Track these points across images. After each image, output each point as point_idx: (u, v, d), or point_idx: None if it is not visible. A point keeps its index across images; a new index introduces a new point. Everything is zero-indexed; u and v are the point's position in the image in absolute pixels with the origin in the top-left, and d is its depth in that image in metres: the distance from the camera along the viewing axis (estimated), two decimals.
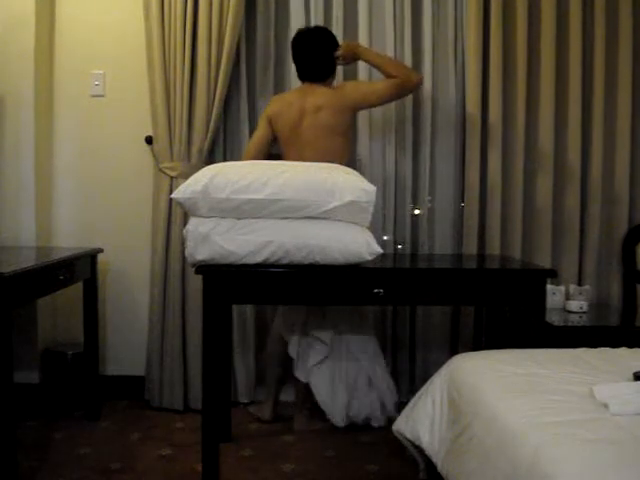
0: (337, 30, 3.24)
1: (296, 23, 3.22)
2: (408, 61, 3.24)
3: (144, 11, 3.12)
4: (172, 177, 3.14)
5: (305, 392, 2.98)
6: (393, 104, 3.22)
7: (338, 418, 2.91)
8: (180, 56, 3.08)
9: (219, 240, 2.27)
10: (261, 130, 2.97)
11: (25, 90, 3.12)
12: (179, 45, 3.07)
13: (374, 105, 3.01)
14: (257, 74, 3.28)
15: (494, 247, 3.21)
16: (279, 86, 3.29)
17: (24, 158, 3.14)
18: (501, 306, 3.05)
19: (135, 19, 3.20)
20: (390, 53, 3.22)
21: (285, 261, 2.30)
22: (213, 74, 3.09)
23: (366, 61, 3.00)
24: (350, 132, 2.99)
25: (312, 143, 2.85)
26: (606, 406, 1.56)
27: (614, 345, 2.17)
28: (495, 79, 3.17)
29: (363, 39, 3.22)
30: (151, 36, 3.11)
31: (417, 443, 2.10)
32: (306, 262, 2.30)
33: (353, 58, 3.00)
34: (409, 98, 3.24)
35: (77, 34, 3.30)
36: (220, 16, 3.05)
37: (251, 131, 3.23)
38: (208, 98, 3.10)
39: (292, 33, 3.08)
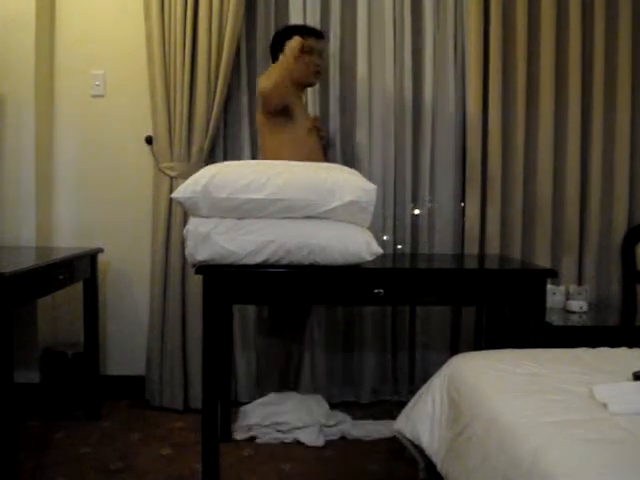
0: (336, 31, 3.24)
1: (295, 23, 3.21)
2: (408, 63, 3.25)
3: (144, 11, 3.13)
4: (172, 177, 3.15)
5: None
6: (392, 104, 3.25)
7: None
8: (180, 56, 3.08)
9: (219, 240, 2.26)
10: None
11: (25, 90, 3.13)
12: (179, 45, 3.07)
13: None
14: (257, 74, 3.28)
15: (494, 247, 3.22)
16: None
17: (24, 158, 3.14)
18: (501, 306, 3.05)
19: (135, 19, 3.21)
20: (390, 55, 3.24)
21: (285, 261, 2.30)
22: (213, 74, 3.09)
23: None
24: (283, 129, 2.82)
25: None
26: (606, 406, 1.56)
27: (614, 345, 2.17)
28: (495, 79, 3.18)
29: (362, 40, 3.22)
30: (151, 36, 3.11)
31: (417, 443, 2.10)
32: (306, 262, 2.30)
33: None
34: (409, 98, 3.26)
35: (77, 34, 3.30)
36: (220, 16, 3.06)
37: (251, 131, 3.25)
38: (208, 98, 3.10)
39: None
